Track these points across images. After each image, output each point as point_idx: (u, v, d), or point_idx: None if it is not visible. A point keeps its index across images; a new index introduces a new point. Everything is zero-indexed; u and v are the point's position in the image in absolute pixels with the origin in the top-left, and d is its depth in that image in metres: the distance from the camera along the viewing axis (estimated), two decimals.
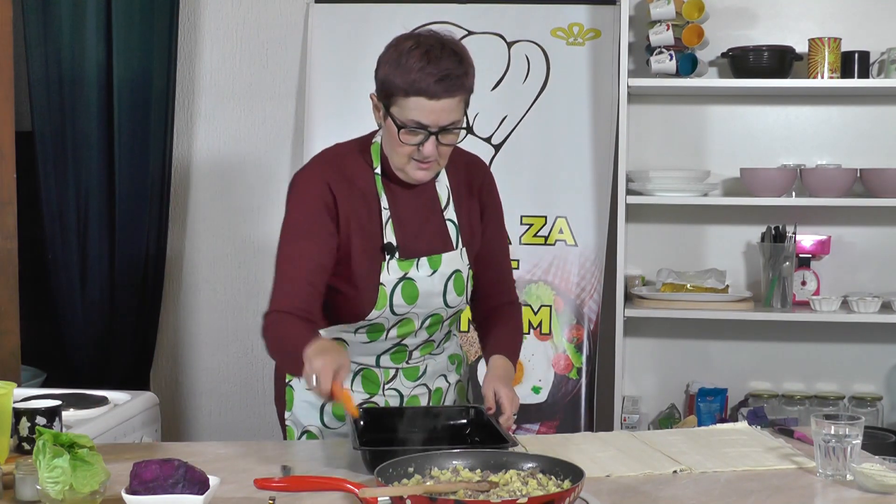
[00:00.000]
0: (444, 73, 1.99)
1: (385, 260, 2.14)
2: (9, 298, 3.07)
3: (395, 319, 2.18)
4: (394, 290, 2.15)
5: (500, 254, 2.33)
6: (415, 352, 2.26)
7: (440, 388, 2.32)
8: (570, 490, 1.63)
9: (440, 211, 2.22)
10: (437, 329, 2.26)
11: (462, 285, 2.22)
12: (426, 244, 2.18)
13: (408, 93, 2.01)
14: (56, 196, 3.67)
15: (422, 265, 2.17)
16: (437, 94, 2.00)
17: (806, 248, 3.73)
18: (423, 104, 2.01)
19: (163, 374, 4.07)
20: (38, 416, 2.04)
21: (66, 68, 3.65)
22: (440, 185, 2.23)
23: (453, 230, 2.22)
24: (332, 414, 2.26)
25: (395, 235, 2.16)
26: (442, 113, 2.02)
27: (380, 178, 2.18)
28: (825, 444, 1.92)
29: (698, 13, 3.58)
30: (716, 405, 3.68)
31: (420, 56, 2.00)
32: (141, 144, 3.74)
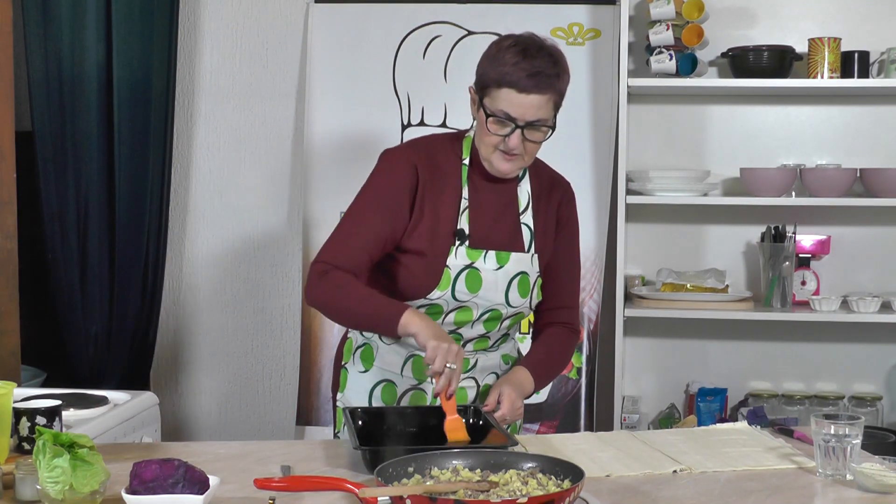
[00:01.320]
0: (536, 69, 2.11)
1: (455, 245, 2.22)
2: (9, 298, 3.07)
3: (454, 304, 2.23)
4: (458, 275, 2.22)
5: (565, 274, 2.38)
6: (468, 344, 2.29)
7: (489, 384, 2.34)
8: (570, 490, 1.63)
9: (517, 213, 2.30)
10: (495, 327, 2.29)
11: (527, 288, 2.28)
12: (498, 239, 2.26)
13: (500, 84, 2.12)
14: (56, 196, 3.66)
15: (489, 258, 2.24)
16: (527, 89, 2.11)
17: (806, 247, 3.73)
18: (512, 97, 2.12)
19: (163, 374, 4.07)
20: (38, 415, 2.04)
21: (66, 68, 3.65)
22: (522, 189, 2.31)
23: (527, 234, 2.30)
24: (381, 399, 2.33)
25: (468, 224, 2.24)
26: (530, 108, 2.12)
27: (466, 169, 2.28)
28: (825, 444, 1.92)
29: (698, 13, 3.58)
30: (716, 405, 3.68)
31: (516, 52, 2.13)
32: (141, 144, 3.74)
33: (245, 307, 4.03)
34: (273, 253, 4.02)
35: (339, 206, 3.74)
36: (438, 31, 3.78)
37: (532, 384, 2.26)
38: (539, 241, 2.31)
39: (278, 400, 4.03)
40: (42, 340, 3.67)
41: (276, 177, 3.99)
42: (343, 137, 3.80)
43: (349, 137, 3.79)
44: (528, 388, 2.24)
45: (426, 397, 2.30)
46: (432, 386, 2.21)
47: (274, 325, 4.04)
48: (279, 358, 4.03)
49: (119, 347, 3.75)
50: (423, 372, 2.28)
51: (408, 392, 2.31)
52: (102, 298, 3.71)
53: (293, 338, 3.94)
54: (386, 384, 2.33)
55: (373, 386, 2.34)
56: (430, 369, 2.04)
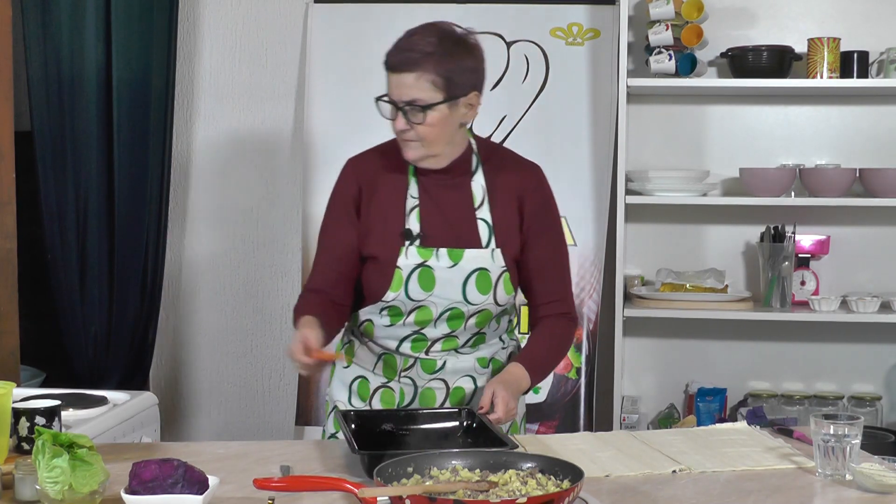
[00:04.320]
0: (406, 48, 2.15)
1: (404, 245, 2.22)
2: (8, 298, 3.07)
3: (411, 304, 2.24)
4: (410, 275, 2.22)
5: (552, 262, 2.33)
6: (436, 344, 2.29)
7: (462, 388, 2.32)
8: (570, 490, 1.63)
9: (472, 208, 2.27)
10: (460, 325, 2.27)
11: (488, 285, 2.24)
12: (450, 237, 2.24)
13: (385, 67, 2.18)
14: (55, 196, 3.66)
15: (441, 256, 2.23)
16: (396, 67, 2.15)
17: (805, 247, 3.73)
18: (391, 78, 2.17)
19: (162, 374, 4.07)
20: (37, 415, 2.04)
21: (66, 68, 3.65)
22: (475, 184, 2.28)
23: (485, 229, 2.26)
24: (358, 394, 2.36)
25: (419, 223, 2.24)
26: (402, 87, 2.14)
27: (413, 168, 2.27)
28: (824, 444, 1.92)
29: (697, 13, 3.58)
30: (715, 405, 3.68)
31: (405, 35, 2.19)
32: (140, 144, 3.74)
33: (244, 307, 4.03)
34: (272, 253, 4.02)
35: None
36: None
37: (527, 379, 2.23)
38: (501, 234, 2.26)
39: (278, 400, 4.03)
40: (41, 340, 3.67)
41: (276, 177, 3.99)
42: (342, 137, 3.79)
43: (348, 137, 3.77)
44: (523, 385, 2.22)
45: (394, 396, 2.32)
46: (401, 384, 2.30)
47: (273, 326, 4.04)
48: (278, 358, 4.03)
49: (118, 347, 3.75)
50: (393, 372, 2.32)
51: (378, 389, 2.34)
52: (102, 298, 3.71)
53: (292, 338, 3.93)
54: (361, 380, 2.37)
55: (351, 381, 2.38)
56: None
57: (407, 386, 2.32)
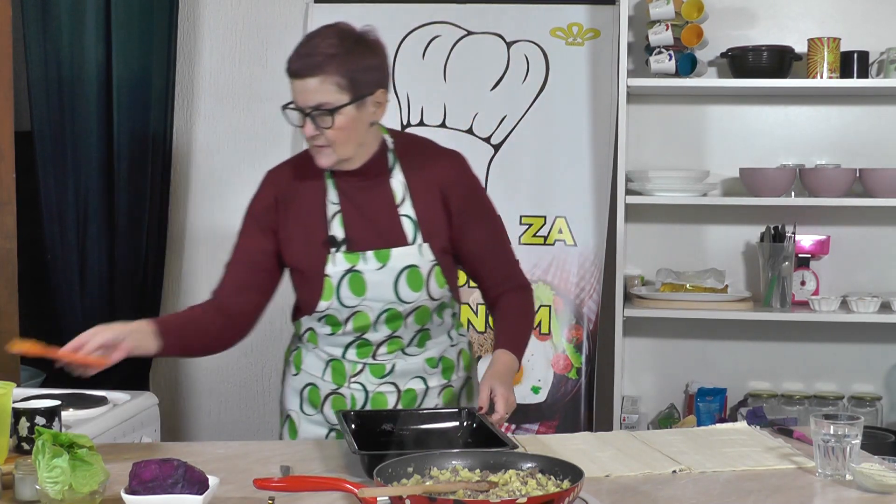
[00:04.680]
0: (306, 53, 2.11)
1: (330, 252, 2.20)
2: (8, 298, 3.07)
3: (346, 311, 2.23)
4: (340, 281, 2.21)
5: (492, 242, 2.34)
6: (381, 347, 2.28)
7: (413, 389, 2.31)
8: (570, 490, 1.63)
9: (394, 206, 2.24)
10: (400, 325, 2.26)
11: (419, 281, 2.22)
12: (375, 238, 2.22)
13: (287, 72, 2.14)
14: (55, 196, 3.66)
15: (369, 259, 2.21)
16: (299, 73, 2.11)
17: (805, 247, 3.73)
18: (294, 85, 2.13)
19: (162, 374, 4.06)
20: (37, 416, 2.04)
21: (66, 68, 3.65)
22: (395, 181, 2.26)
23: (410, 225, 2.24)
24: (309, 401, 2.36)
25: (342, 228, 2.22)
26: (306, 93, 2.11)
27: (329, 175, 2.25)
28: (824, 444, 1.92)
29: (697, 13, 3.58)
30: (715, 405, 3.68)
31: (305, 39, 2.15)
32: (140, 144, 3.74)
33: None
34: None
35: None
36: (438, 31, 3.78)
37: (516, 361, 2.23)
38: (426, 228, 2.24)
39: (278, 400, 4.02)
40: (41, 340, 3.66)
41: None
42: None
43: None
44: (514, 369, 2.21)
45: (345, 402, 2.30)
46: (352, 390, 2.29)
47: (273, 325, 4.02)
48: (279, 358, 4.01)
49: None
50: (342, 378, 2.30)
51: (329, 396, 2.32)
52: (102, 298, 3.71)
53: None
54: (311, 387, 2.35)
55: (302, 388, 2.37)
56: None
57: (357, 391, 2.30)
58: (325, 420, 2.34)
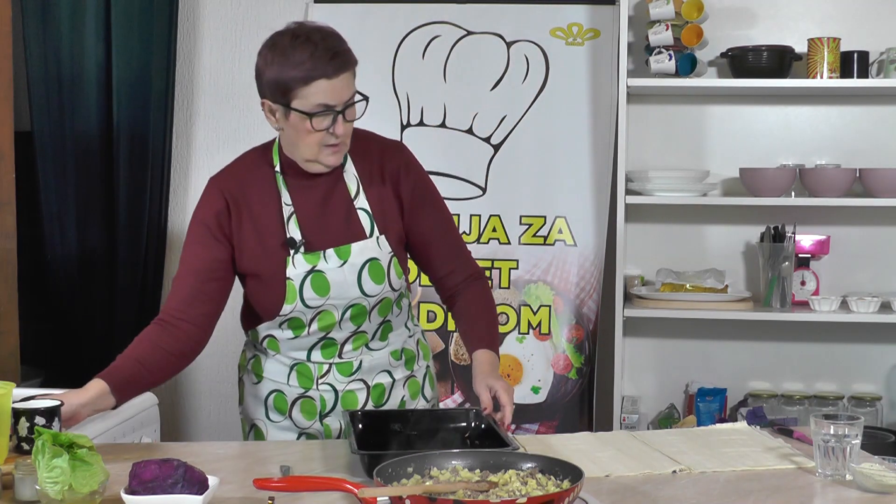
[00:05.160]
0: (332, 51, 2.10)
1: (290, 255, 2.18)
2: (8, 298, 3.07)
3: (311, 313, 2.21)
4: (303, 283, 2.18)
5: (443, 228, 2.33)
6: (346, 345, 2.26)
7: (381, 383, 2.31)
8: (570, 490, 1.63)
9: (349, 200, 2.23)
10: (364, 320, 2.25)
11: (381, 273, 2.22)
12: (333, 236, 2.21)
13: (307, 80, 2.08)
14: (55, 196, 3.66)
15: (329, 257, 2.19)
16: (335, 72, 2.09)
17: (805, 247, 3.73)
18: (324, 86, 2.08)
19: None
20: (37, 416, 2.03)
21: (66, 68, 3.65)
22: (348, 174, 2.24)
23: (366, 218, 2.23)
24: (275, 408, 2.33)
25: (299, 230, 2.20)
26: (343, 89, 2.10)
27: (280, 177, 2.23)
28: (824, 444, 1.92)
29: (697, 13, 3.58)
30: (715, 405, 3.68)
31: (302, 44, 2.10)
32: (140, 144, 3.74)
33: None
34: None
35: None
36: (438, 31, 3.78)
37: (497, 359, 2.23)
38: (381, 220, 2.23)
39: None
40: (41, 340, 3.67)
41: None
42: None
43: None
44: (498, 365, 2.22)
45: (315, 404, 2.28)
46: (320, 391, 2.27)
47: None
48: None
49: (118, 347, 3.72)
50: (310, 381, 2.28)
51: (297, 400, 2.30)
52: (102, 298, 3.71)
53: None
54: (277, 394, 2.33)
55: (266, 396, 2.34)
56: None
57: (327, 392, 2.28)
58: (293, 425, 2.31)
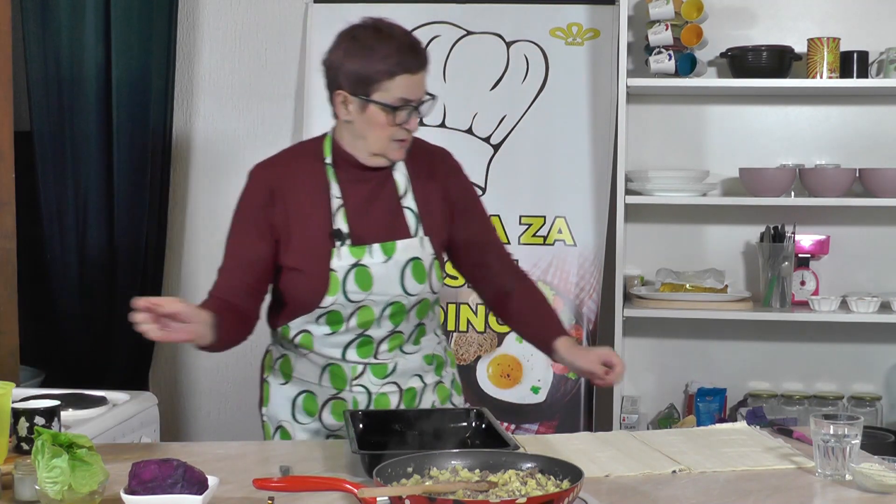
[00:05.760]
0: (416, 47, 2.16)
1: (335, 246, 2.18)
2: (8, 298, 3.07)
3: (351, 307, 2.20)
4: (346, 276, 2.18)
5: (488, 232, 2.38)
6: (382, 345, 2.25)
7: (413, 387, 2.30)
8: (570, 490, 1.63)
9: (397, 198, 2.25)
10: (402, 319, 2.25)
11: (423, 273, 2.23)
12: (380, 231, 2.22)
13: (392, 74, 2.11)
14: (55, 196, 3.66)
15: (375, 252, 2.20)
16: (418, 68, 2.15)
17: (805, 247, 3.73)
18: (407, 81, 2.12)
19: (162, 375, 4.06)
20: (36, 416, 2.04)
21: (65, 68, 3.65)
22: (398, 172, 2.26)
23: (412, 217, 2.25)
24: (303, 409, 2.30)
25: (346, 222, 2.20)
26: (421, 86, 2.16)
27: (331, 169, 2.24)
28: (824, 444, 1.92)
29: (697, 13, 3.58)
30: (715, 405, 3.68)
31: (388, 39, 2.14)
32: (140, 144, 3.74)
33: None
34: None
35: None
36: (437, 31, 3.78)
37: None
38: (427, 222, 2.25)
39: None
40: (41, 340, 3.67)
41: None
42: None
43: None
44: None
45: (346, 405, 2.26)
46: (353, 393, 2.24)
47: None
48: None
49: (118, 347, 3.75)
50: (343, 382, 2.26)
51: (328, 401, 2.28)
52: (101, 298, 3.71)
53: None
54: (306, 394, 2.30)
55: (294, 396, 2.31)
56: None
57: (360, 394, 2.26)
58: (323, 427, 2.29)
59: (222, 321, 2.12)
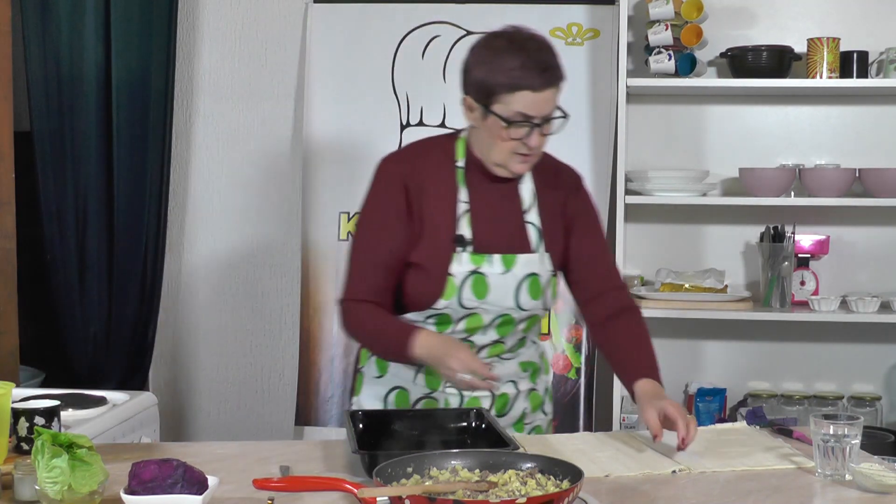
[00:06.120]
0: (544, 64, 2.08)
1: (456, 251, 2.17)
2: (7, 298, 3.07)
3: (463, 312, 2.20)
4: (464, 282, 2.17)
5: (599, 254, 2.33)
6: (482, 351, 2.25)
7: (506, 393, 2.29)
8: (569, 490, 1.63)
9: (521, 212, 2.24)
10: (509, 331, 2.24)
11: (539, 289, 2.22)
12: (502, 242, 2.21)
13: (513, 89, 2.07)
14: (55, 196, 3.66)
15: (495, 261, 2.19)
16: (543, 86, 2.08)
17: (805, 247, 3.73)
18: (528, 97, 2.08)
19: (161, 375, 4.06)
20: (36, 416, 2.04)
21: (65, 68, 3.65)
22: (524, 187, 2.25)
23: (534, 233, 2.24)
24: (395, 404, 2.30)
25: (470, 229, 2.19)
26: (546, 103, 2.10)
27: (462, 172, 2.22)
28: (824, 444, 1.92)
29: (697, 13, 3.58)
30: (715, 405, 3.68)
31: (514, 52, 2.08)
32: (140, 144, 3.74)
33: (244, 307, 4.03)
34: (272, 253, 4.02)
35: (339, 206, 3.77)
36: (437, 31, 3.78)
37: (661, 387, 2.16)
38: (549, 238, 2.25)
39: (277, 400, 4.03)
40: (41, 340, 3.66)
41: (275, 177, 3.99)
42: (342, 137, 3.80)
43: (348, 137, 3.79)
44: (663, 392, 2.14)
45: (438, 405, 2.26)
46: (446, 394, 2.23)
47: (273, 326, 4.04)
48: (278, 358, 4.03)
49: (118, 347, 3.75)
50: (437, 381, 2.25)
51: (421, 400, 2.28)
52: (101, 298, 3.71)
53: (292, 338, 3.94)
54: (399, 391, 2.30)
55: (387, 392, 2.31)
56: (464, 385, 2.03)
57: (452, 396, 2.26)
58: None
59: None
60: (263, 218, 4.01)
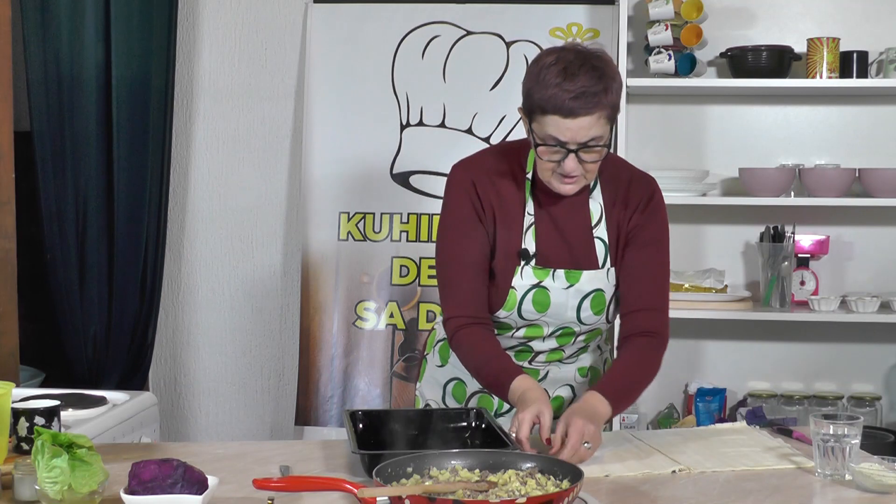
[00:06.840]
0: (579, 90, 1.96)
1: (520, 265, 2.14)
2: (7, 299, 3.07)
3: (522, 323, 2.18)
4: (525, 295, 2.15)
5: (647, 272, 2.19)
6: (540, 355, 2.24)
7: (561, 396, 2.28)
8: (569, 490, 1.63)
9: (590, 227, 2.18)
10: (569, 342, 2.23)
11: (602, 305, 2.18)
12: (567, 257, 2.16)
13: (545, 110, 2.00)
14: (55, 196, 3.66)
15: (558, 276, 2.15)
16: (573, 112, 1.97)
17: (805, 247, 3.73)
18: (558, 122, 1.99)
19: (161, 375, 4.07)
20: (36, 416, 2.04)
21: (65, 68, 3.65)
22: (593, 201, 2.18)
23: (601, 249, 2.18)
24: (452, 394, 2.31)
25: (535, 242, 2.15)
26: (579, 130, 1.99)
27: (529, 184, 2.17)
28: (824, 444, 1.92)
29: (697, 13, 3.58)
30: (714, 405, 3.68)
31: (557, 72, 1.99)
32: (140, 144, 3.73)
33: (243, 307, 4.03)
34: (272, 253, 4.02)
35: (339, 206, 3.78)
36: (437, 31, 3.78)
37: (607, 408, 2.04)
38: (614, 254, 2.18)
39: (277, 400, 4.03)
40: (40, 340, 3.66)
41: (275, 177, 3.99)
42: (342, 137, 3.80)
43: (348, 137, 3.79)
44: (597, 414, 2.01)
45: (493, 401, 2.27)
46: None
47: (272, 326, 4.04)
48: (278, 358, 4.03)
49: (118, 347, 3.75)
50: None
51: (476, 394, 2.29)
52: (101, 298, 3.71)
53: (292, 338, 3.94)
54: (457, 382, 2.31)
55: (446, 381, 2.33)
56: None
57: None
58: None
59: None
60: (262, 218, 4.01)
